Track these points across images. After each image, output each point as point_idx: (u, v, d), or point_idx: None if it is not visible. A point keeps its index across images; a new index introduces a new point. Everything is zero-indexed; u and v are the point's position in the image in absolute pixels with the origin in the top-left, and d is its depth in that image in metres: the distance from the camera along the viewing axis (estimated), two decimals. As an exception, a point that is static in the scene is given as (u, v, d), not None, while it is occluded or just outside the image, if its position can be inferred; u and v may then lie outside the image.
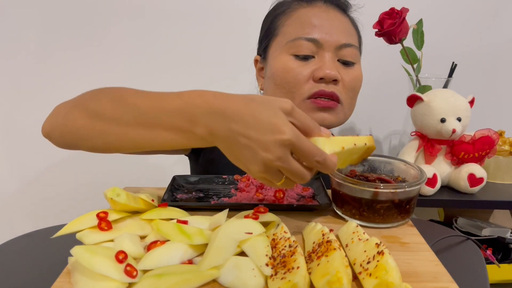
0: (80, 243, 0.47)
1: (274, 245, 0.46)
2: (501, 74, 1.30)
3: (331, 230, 0.48)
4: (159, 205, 0.57)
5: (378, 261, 0.40)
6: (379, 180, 0.59)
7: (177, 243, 0.46)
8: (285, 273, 0.40)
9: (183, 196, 0.64)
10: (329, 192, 0.63)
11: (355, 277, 0.42)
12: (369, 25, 0.92)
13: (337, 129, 1.32)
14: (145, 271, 0.43)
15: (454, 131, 0.82)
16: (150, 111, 0.49)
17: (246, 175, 0.69)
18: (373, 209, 0.54)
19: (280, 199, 0.61)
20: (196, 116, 0.46)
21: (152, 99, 0.50)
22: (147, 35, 1.22)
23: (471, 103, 0.87)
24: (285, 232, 0.48)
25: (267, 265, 0.42)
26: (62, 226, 0.50)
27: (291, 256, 0.42)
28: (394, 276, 0.38)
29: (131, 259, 0.44)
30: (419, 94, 0.86)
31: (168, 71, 1.25)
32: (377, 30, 0.93)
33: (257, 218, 0.51)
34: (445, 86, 1.00)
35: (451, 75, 1.00)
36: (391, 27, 0.90)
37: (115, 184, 0.57)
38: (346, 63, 0.75)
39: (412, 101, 0.89)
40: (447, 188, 0.91)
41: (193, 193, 0.65)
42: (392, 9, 0.91)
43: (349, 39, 0.75)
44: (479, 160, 0.88)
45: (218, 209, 0.56)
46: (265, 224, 0.51)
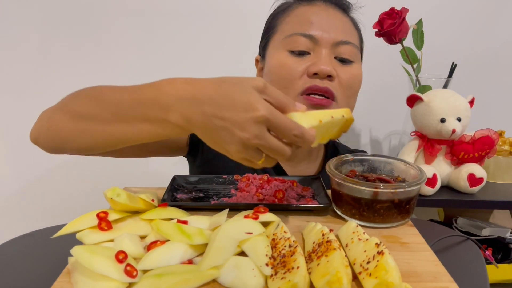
0: (80, 243, 0.47)
1: (274, 245, 0.46)
2: (501, 74, 1.30)
3: (331, 230, 0.48)
4: (159, 205, 0.57)
5: (378, 261, 0.40)
6: (379, 180, 0.59)
7: (177, 243, 0.46)
8: (285, 273, 0.40)
9: (183, 196, 0.63)
10: (329, 192, 0.63)
11: (355, 277, 0.42)
12: (369, 25, 0.92)
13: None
14: (145, 271, 0.43)
15: (454, 131, 0.82)
16: (125, 105, 0.49)
17: (246, 175, 0.69)
18: (373, 209, 0.54)
19: (280, 199, 0.61)
20: (168, 104, 0.46)
21: (127, 93, 0.50)
22: (147, 35, 1.22)
23: (471, 103, 0.87)
24: (285, 232, 0.48)
25: (267, 265, 0.42)
26: (62, 226, 0.50)
27: (291, 256, 0.42)
28: (394, 276, 0.38)
29: (131, 259, 0.44)
30: (419, 94, 0.86)
31: (168, 70, 1.24)
32: (377, 30, 0.93)
33: (257, 218, 0.51)
34: (445, 86, 1.00)
35: (451, 75, 1.00)
36: (391, 27, 0.90)
37: (115, 184, 0.57)
38: (343, 61, 0.73)
39: (412, 101, 0.88)
40: (447, 188, 0.91)
41: (193, 193, 0.65)
42: (392, 9, 0.91)
43: (347, 36, 0.73)
44: (479, 160, 0.88)
45: (218, 209, 0.56)
46: (265, 224, 0.51)
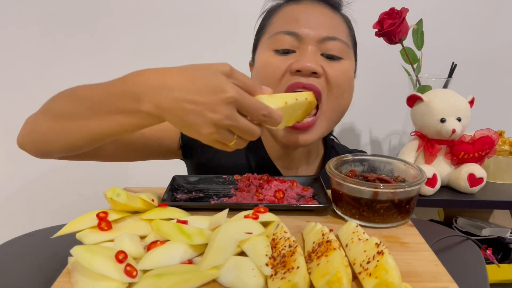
0: (80, 243, 0.47)
1: (274, 245, 0.46)
2: (501, 74, 1.30)
3: (331, 230, 0.48)
4: (159, 205, 0.57)
5: (378, 261, 0.40)
6: (379, 180, 0.59)
7: (177, 243, 0.46)
8: (285, 273, 0.40)
9: (183, 196, 0.64)
10: (329, 192, 0.63)
11: (355, 277, 0.42)
12: (369, 25, 0.92)
13: (336, 129, 1.32)
14: (145, 271, 0.43)
15: (454, 131, 0.82)
16: (99, 100, 0.51)
17: (246, 175, 0.69)
18: (373, 209, 0.54)
19: (280, 199, 0.61)
20: (139, 94, 0.47)
21: (100, 88, 0.52)
22: (147, 35, 1.22)
23: (471, 103, 0.86)
24: (285, 232, 0.48)
25: (267, 265, 0.42)
26: (62, 226, 0.50)
27: (291, 256, 0.42)
28: (394, 276, 0.38)
29: (131, 259, 0.44)
30: (419, 94, 0.86)
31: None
32: (377, 30, 0.93)
33: (257, 218, 0.51)
34: (445, 86, 1.00)
35: (451, 75, 1.00)
36: (391, 27, 0.90)
37: (115, 184, 0.57)
38: (331, 58, 0.70)
39: (412, 101, 0.88)
40: (447, 188, 0.91)
41: (193, 193, 0.65)
42: (392, 9, 0.91)
43: (333, 32, 0.70)
44: (479, 160, 0.88)
45: (218, 209, 0.56)
46: (265, 224, 0.51)
